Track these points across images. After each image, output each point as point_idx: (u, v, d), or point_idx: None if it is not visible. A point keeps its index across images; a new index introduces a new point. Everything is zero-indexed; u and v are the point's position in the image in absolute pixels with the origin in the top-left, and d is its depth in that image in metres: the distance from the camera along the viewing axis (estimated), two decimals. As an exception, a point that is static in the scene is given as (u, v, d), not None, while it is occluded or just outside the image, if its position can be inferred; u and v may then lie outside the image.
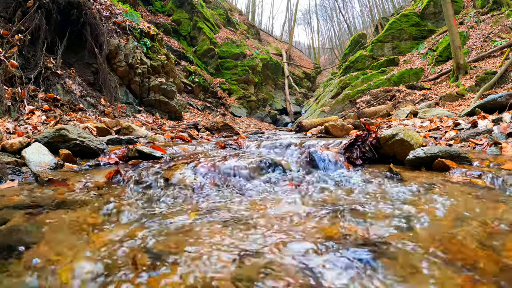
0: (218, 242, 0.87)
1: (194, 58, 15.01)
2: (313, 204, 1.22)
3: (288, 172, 1.75)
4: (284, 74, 21.61)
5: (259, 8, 46.72)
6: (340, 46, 41.15)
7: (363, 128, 2.25)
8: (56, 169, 1.81)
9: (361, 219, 1.03)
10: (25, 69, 4.50)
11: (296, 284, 0.66)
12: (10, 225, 0.97)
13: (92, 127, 3.33)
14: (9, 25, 4.52)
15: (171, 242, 0.87)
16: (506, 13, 11.48)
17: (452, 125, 3.38)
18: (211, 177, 1.60)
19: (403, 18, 15.29)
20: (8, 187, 1.42)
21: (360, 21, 46.39)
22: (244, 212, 1.13)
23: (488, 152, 2.02)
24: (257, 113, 16.78)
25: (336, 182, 1.56)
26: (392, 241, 0.85)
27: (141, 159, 2.00)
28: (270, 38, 31.69)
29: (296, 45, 40.48)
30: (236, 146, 2.74)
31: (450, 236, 0.88)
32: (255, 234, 0.92)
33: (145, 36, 7.61)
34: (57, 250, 0.82)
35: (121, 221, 1.04)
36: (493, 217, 1.00)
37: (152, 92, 7.33)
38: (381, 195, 1.30)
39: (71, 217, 1.07)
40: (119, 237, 0.92)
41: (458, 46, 9.66)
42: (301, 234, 0.92)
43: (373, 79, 12.44)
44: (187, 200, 1.32)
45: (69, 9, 5.50)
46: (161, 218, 1.07)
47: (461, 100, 8.32)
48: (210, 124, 5.90)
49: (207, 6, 19.43)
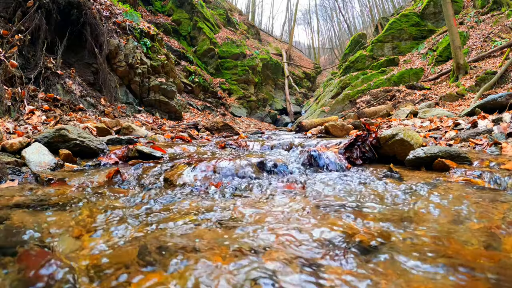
0: (218, 241, 0.87)
1: (194, 58, 15.01)
2: (313, 203, 1.22)
3: (288, 172, 1.75)
4: (284, 74, 21.61)
5: (259, 8, 46.76)
6: (340, 46, 41.16)
7: (363, 128, 2.25)
8: (56, 169, 1.81)
9: (360, 218, 1.03)
10: (25, 69, 4.50)
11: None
12: (10, 225, 0.97)
13: (92, 127, 3.33)
14: (9, 25, 4.52)
15: (170, 241, 0.87)
16: (506, 13, 11.48)
17: (452, 125, 3.38)
18: (211, 177, 1.60)
19: (403, 18, 15.29)
20: (8, 186, 1.42)
21: (360, 21, 46.41)
22: (244, 212, 1.13)
23: (488, 152, 2.02)
24: (257, 113, 16.78)
25: (336, 182, 1.56)
26: (392, 240, 0.85)
27: (141, 159, 2.00)
28: (270, 38, 31.69)
29: (296, 45, 40.49)
30: (236, 146, 2.74)
31: (450, 235, 0.88)
32: (255, 233, 0.92)
33: (145, 36, 7.61)
34: (57, 250, 0.82)
35: (120, 221, 1.04)
36: (493, 217, 1.00)
37: (152, 92, 7.33)
38: (381, 195, 1.30)
39: (71, 217, 1.07)
40: (119, 237, 0.92)
41: (458, 46, 9.66)
42: (299, 233, 0.92)
43: (373, 79, 12.45)
44: (187, 200, 1.32)
45: (69, 9, 5.50)
46: (161, 219, 1.07)
47: (461, 100, 8.32)
48: (210, 124, 5.90)
49: (207, 6, 19.43)
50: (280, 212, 1.12)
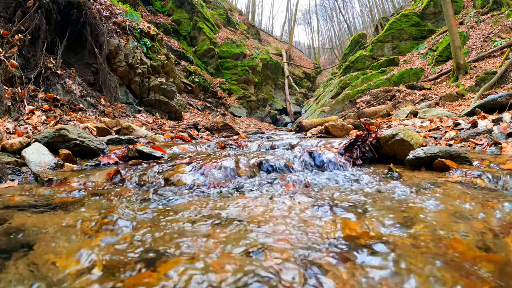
0: (217, 240, 0.87)
1: (194, 58, 15.01)
2: (313, 203, 1.22)
3: (288, 172, 1.75)
4: (284, 74, 21.61)
5: (259, 8, 46.78)
6: (340, 46, 41.17)
7: (363, 128, 2.25)
8: (56, 169, 1.81)
9: (360, 218, 1.03)
10: (25, 69, 4.50)
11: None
12: (10, 224, 0.97)
13: (92, 127, 3.33)
14: (9, 25, 4.52)
15: (169, 242, 0.87)
16: (506, 13, 11.48)
17: (452, 125, 3.38)
18: (211, 177, 1.60)
19: (403, 18, 15.30)
20: (8, 186, 1.42)
21: (360, 21, 46.44)
22: (245, 211, 1.13)
23: (488, 152, 2.02)
24: (257, 113, 16.78)
25: (336, 182, 1.56)
26: (390, 240, 0.85)
27: (141, 159, 2.00)
28: (270, 38, 31.70)
29: (296, 45, 40.51)
30: (236, 146, 2.74)
31: (450, 235, 0.88)
32: (255, 231, 0.92)
33: (145, 36, 7.61)
34: (57, 250, 0.82)
35: (120, 221, 1.04)
36: (493, 217, 1.00)
37: (152, 92, 7.33)
38: (381, 195, 1.30)
39: (71, 217, 1.07)
40: (119, 237, 0.92)
41: (458, 46, 9.66)
42: (297, 234, 0.92)
43: (373, 79, 12.45)
44: (187, 199, 1.32)
45: (69, 9, 5.50)
46: (162, 218, 1.07)
47: (461, 100, 8.32)
48: (210, 124, 5.90)
49: (207, 6, 19.43)
50: (279, 211, 1.12)
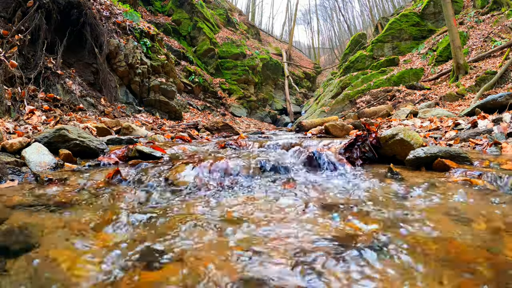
0: (218, 242, 0.87)
1: (194, 58, 15.01)
2: (313, 203, 1.22)
3: (288, 172, 1.75)
4: (284, 74, 21.61)
5: (259, 8, 46.77)
6: (340, 46, 41.18)
7: (363, 128, 2.25)
8: (56, 169, 1.81)
9: (360, 218, 1.03)
10: (25, 69, 4.50)
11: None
12: (10, 224, 0.97)
13: (92, 127, 3.33)
14: (9, 25, 4.52)
15: (169, 242, 0.87)
16: (506, 13, 11.48)
17: (452, 125, 3.38)
18: (211, 177, 1.60)
19: (403, 18, 15.29)
20: (8, 186, 1.42)
21: (360, 21, 46.43)
22: (246, 211, 1.13)
23: (488, 152, 2.02)
24: (257, 113, 16.78)
25: (336, 181, 1.56)
26: (392, 241, 0.85)
27: (141, 159, 2.00)
28: (270, 38, 31.69)
29: (296, 45, 40.49)
30: (236, 146, 2.74)
31: (450, 236, 0.88)
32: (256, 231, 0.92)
33: (145, 36, 7.61)
34: (57, 250, 0.82)
35: (120, 221, 1.04)
36: (493, 217, 1.00)
37: (152, 92, 7.33)
38: (381, 195, 1.30)
39: (70, 216, 1.07)
40: (119, 237, 0.92)
41: (458, 46, 9.66)
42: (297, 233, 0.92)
43: (373, 79, 12.45)
44: (187, 199, 1.32)
45: (69, 9, 5.50)
46: (162, 218, 1.07)
47: (461, 100, 8.32)
48: (210, 124, 5.90)
49: (207, 6, 19.42)
50: (279, 211, 1.12)
